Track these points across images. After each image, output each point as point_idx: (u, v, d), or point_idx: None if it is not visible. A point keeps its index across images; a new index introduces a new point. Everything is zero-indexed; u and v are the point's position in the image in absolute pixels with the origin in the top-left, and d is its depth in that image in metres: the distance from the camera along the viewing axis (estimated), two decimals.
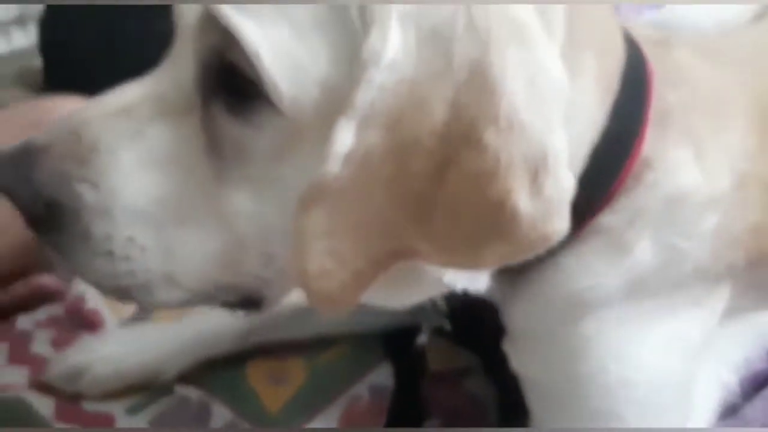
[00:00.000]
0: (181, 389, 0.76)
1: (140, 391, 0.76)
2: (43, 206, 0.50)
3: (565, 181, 0.45)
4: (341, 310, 0.48)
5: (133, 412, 0.75)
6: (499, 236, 0.45)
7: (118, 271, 0.51)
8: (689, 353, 0.58)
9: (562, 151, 0.45)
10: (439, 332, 0.67)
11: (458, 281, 0.52)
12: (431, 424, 0.71)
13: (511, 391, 0.62)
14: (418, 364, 0.71)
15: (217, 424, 0.73)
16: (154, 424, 0.73)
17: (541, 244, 0.46)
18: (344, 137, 0.43)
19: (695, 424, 0.60)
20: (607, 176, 0.53)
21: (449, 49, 0.43)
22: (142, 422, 0.74)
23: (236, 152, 0.49)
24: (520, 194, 0.44)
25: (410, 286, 0.52)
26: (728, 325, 0.60)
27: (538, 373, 0.59)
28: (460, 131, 0.43)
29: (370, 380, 0.76)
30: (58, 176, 0.50)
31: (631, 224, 0.54)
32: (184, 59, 0.50)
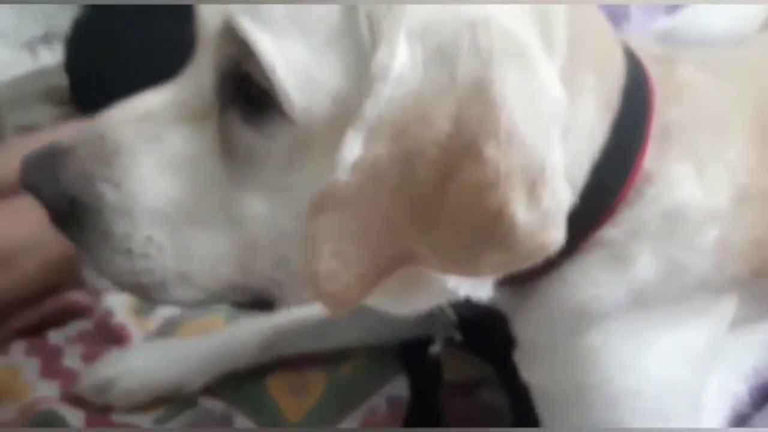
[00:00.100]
0: (204, 401, 0.78)
1: (166, 403, 0.78)
2: (67, 205, 0.52)
3: (561, 192, 0.46)
4: (346, 309, 0.49)
5: (159, 423, 0.77)
6: (497, 244, 0.46)
7: (136, 268, 0.52)
8: (696, 363, 0.58)
9: (559, 164, 0.46)
10: (450, 343, 0.68)
11: (461, 288, 0.52)
12: None
13: (524, 401, 0.62)
14: (432, 374, 0.71)
15: None
16: None
17: (537, 253, 0.47)
18: (353, 147, 0.45)
19: None
20: (608, 191, 0.54)
21: (453, 66, 0.44)
22: None
23: (250, 158, 0.50)
24: (518, 204, 0.45)
25: (414, 292, 0.53)
26: (737, 334, 0.60)
27: (546, 383, 0.60)
28: (462, 144, 0.44)
29: (387, 391, 0.78)
30: (82, 176, 0.51)
31: (632, 237, 0.55)
32: (204, 67, 0.52)
